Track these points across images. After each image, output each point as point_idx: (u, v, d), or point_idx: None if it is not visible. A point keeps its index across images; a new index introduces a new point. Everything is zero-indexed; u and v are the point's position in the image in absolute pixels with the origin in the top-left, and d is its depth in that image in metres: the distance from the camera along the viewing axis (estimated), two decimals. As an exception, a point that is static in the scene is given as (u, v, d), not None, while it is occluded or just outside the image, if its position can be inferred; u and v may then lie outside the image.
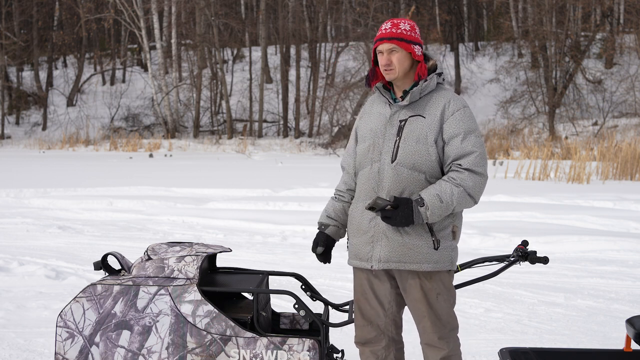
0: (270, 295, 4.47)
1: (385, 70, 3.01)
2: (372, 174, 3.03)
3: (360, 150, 3.12)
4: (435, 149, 2.96)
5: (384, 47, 3.00)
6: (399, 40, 2.99)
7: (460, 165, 2.94)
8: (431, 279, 3.00)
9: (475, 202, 3.02)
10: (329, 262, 3.25)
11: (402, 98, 3.05)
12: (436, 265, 2.97)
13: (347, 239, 3.20)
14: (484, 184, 2.99)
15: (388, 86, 3.12)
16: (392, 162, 2.98)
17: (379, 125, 3.07)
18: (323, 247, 3.19)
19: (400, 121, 3.01)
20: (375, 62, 3.12)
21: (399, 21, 3.04)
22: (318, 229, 3.26)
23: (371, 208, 2.90)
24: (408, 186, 2.97)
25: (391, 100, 3.07)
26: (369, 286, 3.11)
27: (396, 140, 3.00)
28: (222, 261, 6.55)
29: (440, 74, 3.06)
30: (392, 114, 3.04)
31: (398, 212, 2.89)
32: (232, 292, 3.51)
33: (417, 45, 3.03)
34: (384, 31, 3.02)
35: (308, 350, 3.11)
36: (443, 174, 3.01)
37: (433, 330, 3.02)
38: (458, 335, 3.11)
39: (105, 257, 3.35)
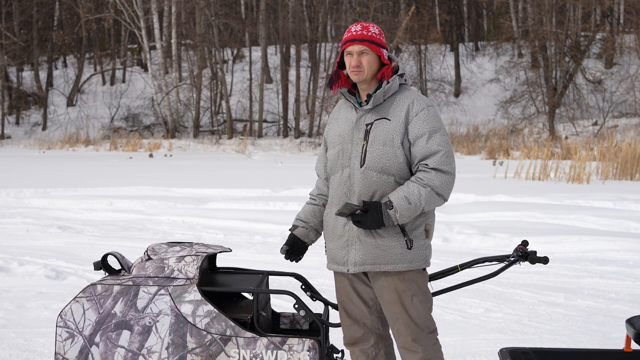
0: (270, 295, 4.47)
1: (354, 71, 3.02)
2: (343, 180, 3.07)
3: (331, 156, 3.15)
4: (402, 151, 2.99)
5: (354, 48, 3.02)
6: (369, 43, 3.01)
7: (427, 165, 2.96)
8: (405, 280, 3.01)
9: (445, 200, 3.04)
10: (297, 261, 3.29)
11: (367, 102, 3.06)
12: (411, 264, 3.00)
13: (325, 243, 3.24)
14: (452, 182, 3.00)
15: (353, 90, 3.14)
16: (361, 166, 3.01)
17: (346, 130, 3.09)
18: (287, 247, 3.24)
19: (367, 125, 3.03)
20: (339, 65, 3.14)
21: (368, 24, 3.08)
22: (289, 230, 3.32)
23: (341, 213, 2.94)
24: (378, 189, 3.00)
25: (357, 105, 3.08)
26: (351, 287, 3.14)
27: (363, 144, 3.02)
28: (222, 261, 6.55)
29: (402, 75, 3.07)
30: (359, 117, 3.06)
31: (368, 216, 2.93)
32: (232, 292, 3.51)
33: (385, 50, 3.07)
34: (354, 33, 3.04)
35: (308, 350, 3.11)
36: (412, 174, 3.03)
37: (407, 333, 3.02)
38: (438, 337, 3.11)
39: (105, 257, 3.35)
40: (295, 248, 3.26)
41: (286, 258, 3.28)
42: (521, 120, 26.38)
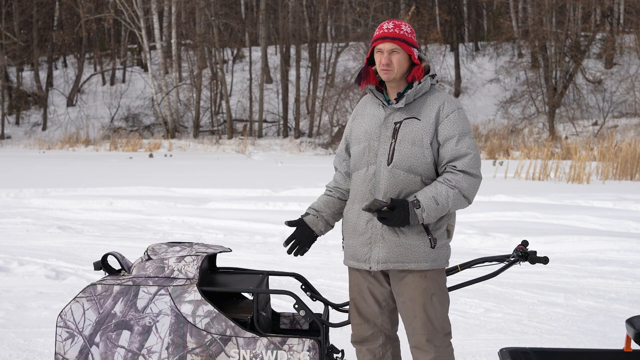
0: (270, 295, 4.46)
1: (384, 69, 3.00)
2: (368, 177, 3.05)
3: (355, 152, 3.13)
4: (430, 151, 2.98)
5: (385, 46, 2.99)
6: (401, 42, 2.98)
7: (455, 167, 2.97)
8: (427, 278, 3.01)
9: (470, 203, 3.05)
10: (302, 254, 3.24)
11: (396, 100, 3.04)
12: (434, 263, 3.00)
13: (342, 239, 3.21)
14: (478, 185, 3.02)
15: (380, 87, 3.12)
16: (389, 164, 3.00)
17: (373, 127, 3.07)
18: (290, 225, 3.23)
19: (395, 123, 3.02)
20: (369, 61, 3.11)
21: (400, 22, 3.05)
22: (300, 216, 3.29)
23: (368, 209, 2.93)
24: (405, 188, 2.99)
25: (385, 102, 3.06)
26: (366, 285, 3.12)
27: (391, 142, 3.01)
28: (222, 261, 6.55)
29: (433, 76, 3.06)
30: (387, 116, 3.05)
31: (394, 213, 2.91)
32: (232, 292, 3.51)
33: (416, 49, 3.04)
34: (386, 30, 3.00)
35: (308, 350, 3.11)
36: (438, 174, 3.04)
37: (422, 332, 3.01)
38: (451, 341, 3.10)
39: (105, 257, 3.35)
40: (302, 236, 3.22)
41: (290, 250, 3.22)
42: (521, 120, 26.38)
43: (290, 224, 3.26)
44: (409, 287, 3.01)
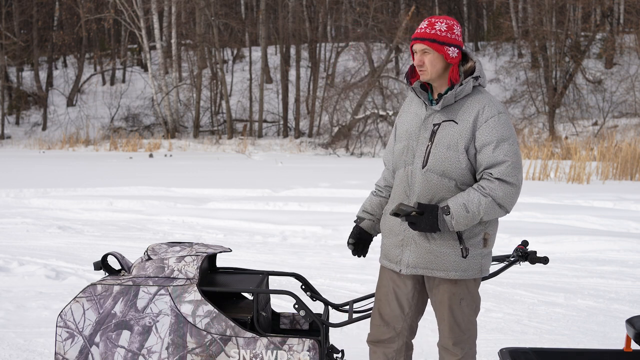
0: (270, 295, 4.47)
1: (419, 70, 2.97)
2: (405, 177, 3.01)
3: (397, 150, 3.09)
4: (465, 157, 2.90)
5: (417, 47, 2.95)
6: (430, 42, 2.91)
7: (491, 174, 2.88)
8: (457, 284, 2.98)
9: (507, 212, 2.94)
10: (364, 255, 3.25)
11: (437, 101, 2.99)
12: (464, 273, 2.94)
13: (382, 236, 3.20)
14: (517, 194, 2.91)
15: (426, 85, 3.06)
16: (423, 167, 2.95)
17: (414, 126, 3.03)
18: (354, 240, 3.21)
19: (434, 125, 2.96)
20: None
21: (436, 20, 2.96)
22: (354, 222, 3.27)
23: (395, 214, 2.88)
24: (438, 192, 2.93)
25: (427, 102, 3.01)
26: (393, 288, 3.09)
27: (428, 145, 2.95)
28: (222, 261, 6.55)
29: (477, 78, 2.95)
30: (427, 116, 3.00)
31: (423, 218, 2.86)
32: (232, 292, 3.51)
33: (453, 47, 2.93)
34: (419, 30, 2.96)
35: (308, 350, 3.11)
36: (476, 180, 2.96)
37: (449, 336, 3.01)
38: (476, 342, 3.10)
39: (105, 257, 3.35)
40: (361, 241, 3.22)
41: (354, 254, 3.23)
42: (521, 120, 26.37)
43: (354, 237, 3.22)
44: (439, 290, 3.00)
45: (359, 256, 3.26)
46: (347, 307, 3.51)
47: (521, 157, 2.99)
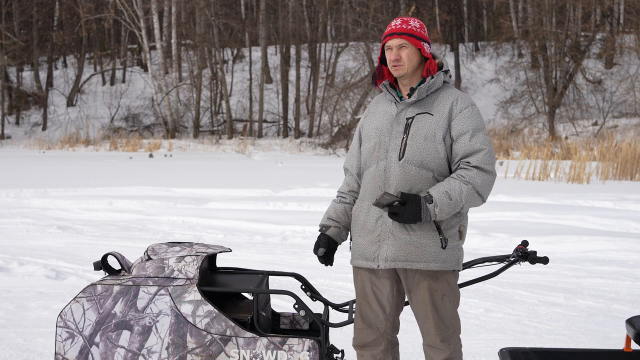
0: (270, 295, 4.46)
1: (394, 66, 2.99)
2: (379, 173, 3.01)
3: (366, 149, 3.10)
4: (443, 147, 2.95)
5: (393, 42, 2.99)
6: (408, 36, 2.97)
7: (469, 162, 2.92)
8: (437, 279, 2.98)
9: (484, 201, 2.99)
10: (331, 264, 3.23)
11: (409, 96, 3.02)
12: (444, 264, 2.95)
13: (350, 239, 3.18)
14: (493, 182, 2.97)
15: (394, 84, 3.10)
16: (400, 159, 2.96)
17: (384, 123, 3.05)
18: (325, 249, 3.17)
19: (407, 119, 2.99)
20: (382, 60, 3.10)
21: (409, 19, 3.04)
22: (319, 230, 3.23)
23: (378, 204, 2.86)
24: (416, 184, 2.95)
25: (397, 99, 3.05)
26: (371, 288, 3.09)
27: (403, 137, 2.98)
28: (222, 261, 6.55)
29: (447, 72, 3.04)
30: (399, 111, 3.02)
31: (406, 208, 2.86)
32: (232, 292, 3.51)
33: (426, 43, 3.02)
34: (393, 27, 3.00)
35: (308, 351, 3.11)
36: (450, 172, 3.00)
37: (436, 333, 3.00)
38: (460, 336, 3.10)
39: (105, 257, 3.35)
40: (329, 249, 3.19)
41: (321, 261, 3.19)
42: (521, 120, 26.38)
43: (319, 245, 3.18)
44: (420, 287, 2.99)
45: (327, 265, 3.23)
46: (347, 307, 3.51)
47: (494, 148, 3.06)
